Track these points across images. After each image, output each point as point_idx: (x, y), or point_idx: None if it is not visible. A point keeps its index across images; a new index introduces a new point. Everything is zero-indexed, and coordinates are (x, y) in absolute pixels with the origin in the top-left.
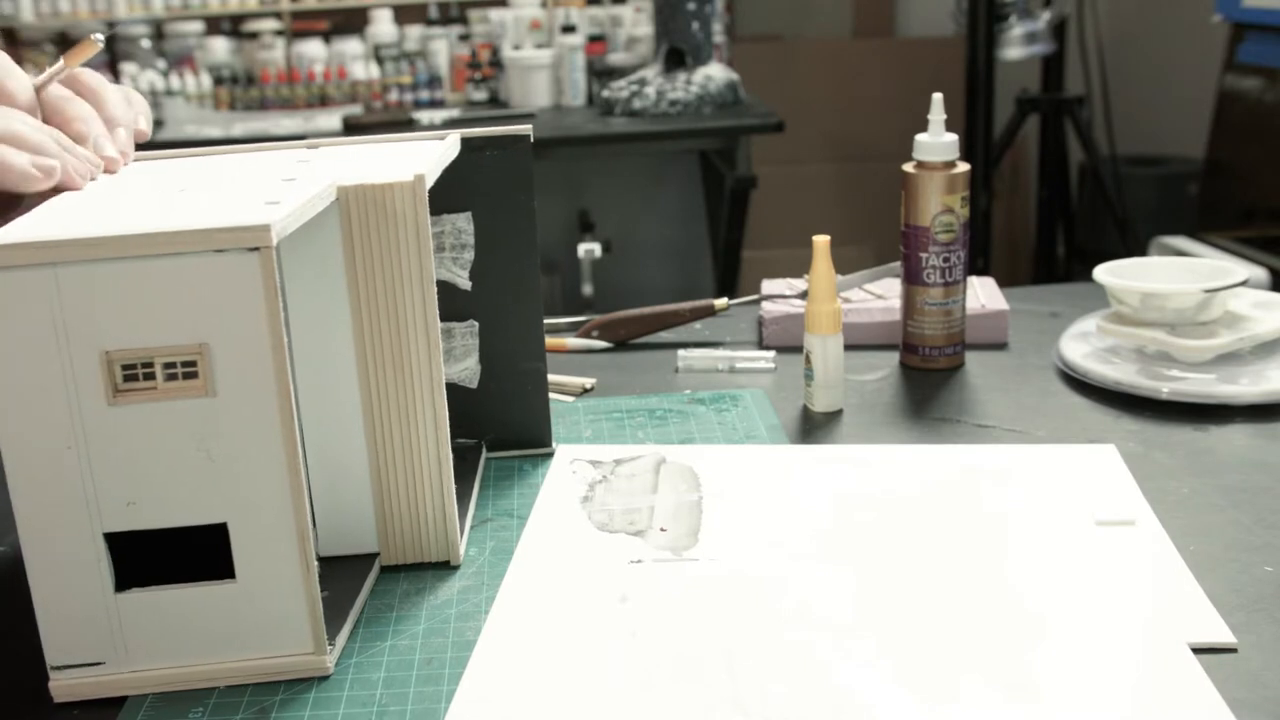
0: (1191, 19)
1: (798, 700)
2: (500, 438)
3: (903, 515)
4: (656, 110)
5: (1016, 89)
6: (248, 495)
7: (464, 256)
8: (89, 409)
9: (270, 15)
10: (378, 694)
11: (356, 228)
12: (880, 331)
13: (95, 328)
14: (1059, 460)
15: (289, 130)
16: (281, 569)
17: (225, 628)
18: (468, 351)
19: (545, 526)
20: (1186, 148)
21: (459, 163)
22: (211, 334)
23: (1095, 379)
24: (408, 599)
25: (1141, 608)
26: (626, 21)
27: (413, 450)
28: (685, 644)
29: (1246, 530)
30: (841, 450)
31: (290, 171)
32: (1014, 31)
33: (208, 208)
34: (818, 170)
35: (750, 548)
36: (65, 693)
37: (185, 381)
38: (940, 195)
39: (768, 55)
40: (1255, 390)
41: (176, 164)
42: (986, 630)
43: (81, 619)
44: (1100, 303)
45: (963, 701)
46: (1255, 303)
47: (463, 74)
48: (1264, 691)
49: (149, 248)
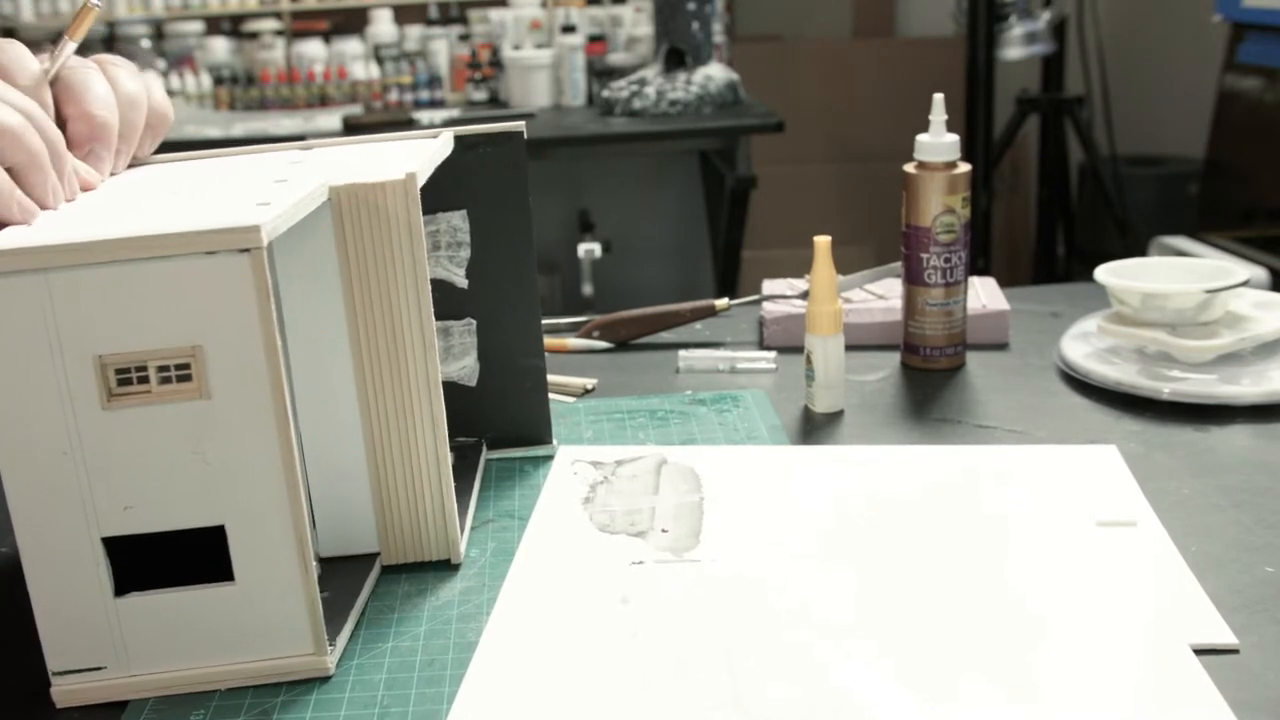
0: (1191, 19)
1: (798, 701)
2: (500, 435)
3: (904, 516)
4: (656, 110)
5: (1016, 89)
6: (245, 497)
7: (460, 254)
8: (84, 414)
9: (270, 15)
10: (379, 695)
11: (349, 227)
12: (881, 332)
13: (88, 332)
14: (1060, 461)
15: (289, 130)
16: (280, 570)
17: (225, 630)
18: (466, 350)
19: (546, 527)
20: (1186, 148)
21: (453, 161)
22: (205, 336)
23: (1096, 379)
24: (409, 600)
25: (1142, 608)
26: (626, 21)
27: (411, 449)
28: (686, 645)
29: (1247, 531)
30: (842, 451)
31: (283, 172)
32: (1014, 31)
33: (199, 210)
34: (818, 170)
35: (751, 548)
36: (67, 698)
37: (179, 384)
38: (941, 195)
39: (768, 55)
40: (1256, 391)
41: (169, 167)
42: (987, 631)
43: (81, 624)
44: (1101, 303)
45: (963, 702)
46: (1256, 303)
47: (463, 74)
48: (1265, 692)
49: (140, 251)
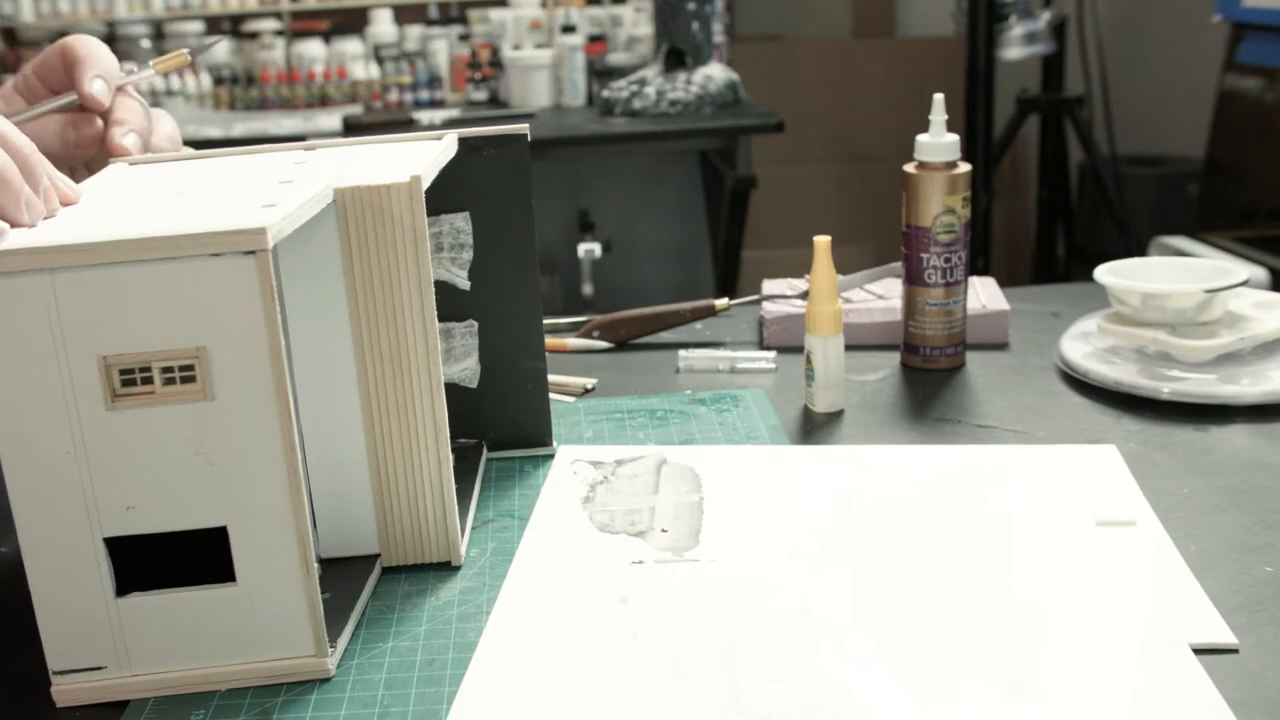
0: (1191, 19)
1: (798, 700)
2: (501, 437)
3: (904, 515)
4: (656, 110)
5: (1016, 89)
6: (247, 498)
7: (463, 256)
8: (87, 414)
9: (270, 15)
10: (379, 695)
11: (354, 229)
12: (881, 332)
13: (93, 333)
14: (1059, 460)
15: (289, 130)
16: (282, 571)
17: (226, 631)
18: (467, 351)
19: (546, 527)
20: (1186, 148)
21: (456, 163)
22: (209, 338)
23: (1096, 379)
24: (409, 600)
25: (1142, 608)
26: (626, 21)
27: (412, 451)
28: (686, 644)
29: (1247, 530)
30: (842, 450)
31: (287, 174)
32: (1014, 31)
33: (204, 211)
34: (818, 170)
35: (751, 548)
36: (67, 698)
37: (183, 385)
38: (941, 196)
39: (768, 55)
40: (1256, 390)
41: (173, 168)
42: (987, 630)
43: (83, 624)
44: (1101, 303)
45: (963, 702)
46: (1256, 303)
47: (463, 74)
48: (1265, 692)
49: (145, 252)
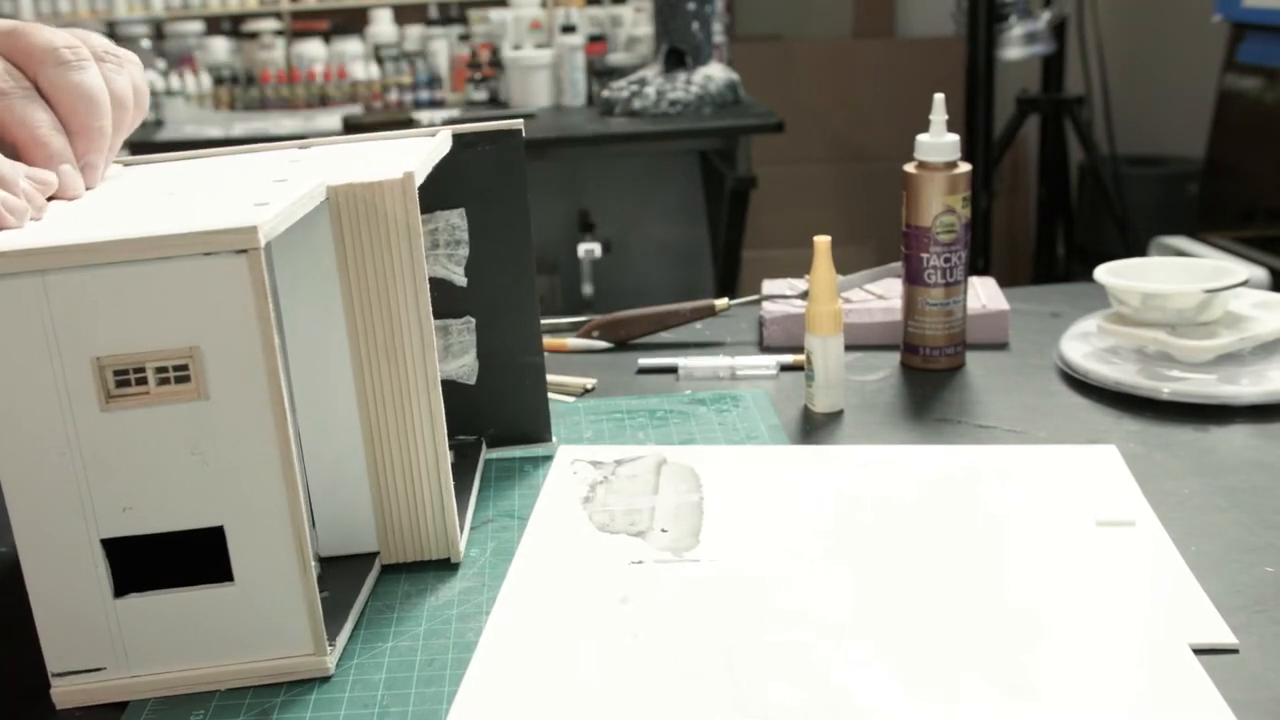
0: (1191, 19)
1: (798, 701)
2: (499, 433)
3: (903, 516)
4: (656, 110)
5: (1016, 89)
6: (243, 497)
7: (459, 253)
8: (82, 416)
9: (270, 15)
10: (379, 695)
11: (347, 227)
12: (881, 332)
13: (86, 334)
14: (1059, 461)
15: (289, 130)
16: (280, 570)
17: (225, 631)
18: (465, 348)
19: (546, 527)
20: (1186, 148)
21: (451, 159)
22: (202, 337)
23: (1096, 379)
24: (409, 599)
25: (1142, 608)
26: (626, 21)
27: (410, 448)
28: (686, 645)
29: (1247, 531)
30: (842, 451)
31: (281, 172)
32: (1014, 31)
33: (196, 210)
34: (818, 170)
35: (751, 548)
36: (67, 699)
37: (177, 385)
38: (941, 195)
39: (768, 55)
40: (1256, 390)
41: (166, 167)
42: (987, 631)
43: (81, 625)
44: (1101, 303)
45: (963, 702)
46: (1256, 303)
47: (463, 74)
48: (1265, 692)
49: (137, 252)
